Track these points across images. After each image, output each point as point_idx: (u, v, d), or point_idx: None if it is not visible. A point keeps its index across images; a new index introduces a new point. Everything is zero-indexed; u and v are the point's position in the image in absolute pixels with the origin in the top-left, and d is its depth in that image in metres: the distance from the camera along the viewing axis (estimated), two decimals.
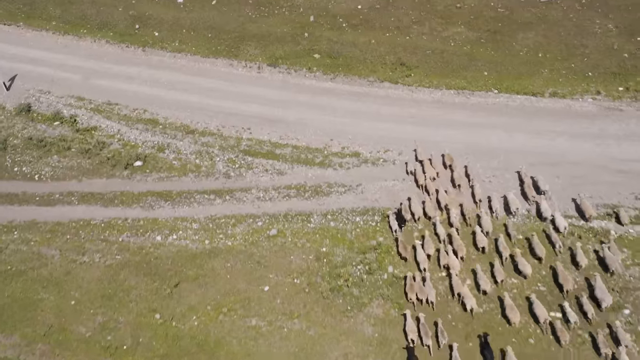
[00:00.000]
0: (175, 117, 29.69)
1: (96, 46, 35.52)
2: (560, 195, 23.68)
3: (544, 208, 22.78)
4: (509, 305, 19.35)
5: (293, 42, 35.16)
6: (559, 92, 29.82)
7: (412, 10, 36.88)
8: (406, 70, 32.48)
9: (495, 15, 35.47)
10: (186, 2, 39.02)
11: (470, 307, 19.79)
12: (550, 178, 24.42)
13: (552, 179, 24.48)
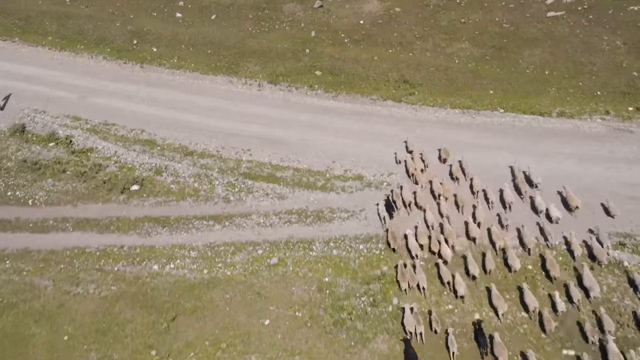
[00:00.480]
0: (174, 138, 28.93)
1: (93, 62, 34.77)
2: (570, 224, 22.83)
3: (538, 201, 23.50)
4: (496, 295, 20.21)
5: (294, 59, 34.43)
6: (567, 112, 29.07)
7: (416, 25, 36.18)
8: (410, 88, 31.75)
9: (500, 30, 34.76)
10: (185, 17, 38.32)
11: (462, 293, 20.65)
12: (559, 204, 23.58)
13: (560, 205, 23.66)
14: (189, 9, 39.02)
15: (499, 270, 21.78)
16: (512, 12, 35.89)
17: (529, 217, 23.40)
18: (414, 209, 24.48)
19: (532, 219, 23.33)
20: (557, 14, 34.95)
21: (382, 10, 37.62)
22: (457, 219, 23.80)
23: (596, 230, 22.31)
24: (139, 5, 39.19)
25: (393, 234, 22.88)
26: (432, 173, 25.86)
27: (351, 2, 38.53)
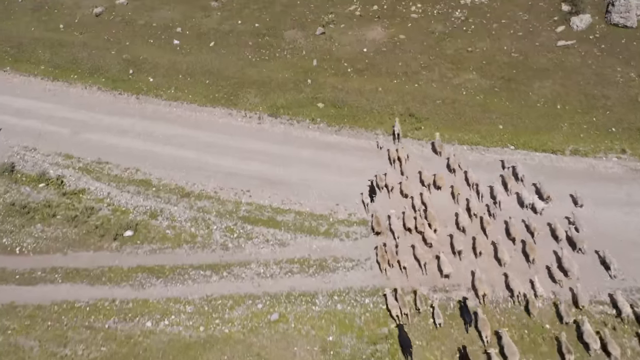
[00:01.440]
0: (170, 178, 27.64)
1: (87, 93, 33.55)
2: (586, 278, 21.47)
3: (525, 196, 24.74)
4: (478, 278, 21.59)
5: (295, 90, 33.20)
6: (581, 150, 27.82)
7: (421, 54, 34.96)
8: (416, 123, 30.50)
9: (509, 60, 33.53)
10: (183, 44, 37.12)
11: (447, 273, 22.04)
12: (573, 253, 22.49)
13: (574, 253, 22.57)
14: (186, 36, 37.83)
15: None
16: (520, 40, 34.67)
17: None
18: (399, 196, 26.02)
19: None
20: (567, 43, 33.74)
21: (386, 38, 36.43)
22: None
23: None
24: (135, 32, 37.99)
25: (377, 219, 24.18)
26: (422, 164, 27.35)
27: (354, 29, 37.36)
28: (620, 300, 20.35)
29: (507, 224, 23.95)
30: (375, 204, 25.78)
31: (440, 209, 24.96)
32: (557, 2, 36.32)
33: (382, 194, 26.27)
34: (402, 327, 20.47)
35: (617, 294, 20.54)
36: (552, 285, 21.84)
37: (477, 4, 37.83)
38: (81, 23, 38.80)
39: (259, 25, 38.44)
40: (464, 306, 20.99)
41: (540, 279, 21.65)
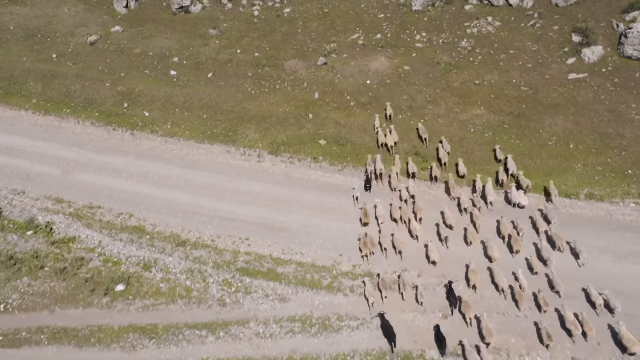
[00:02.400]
0: (165, 224, 26.25)
1: (80, 129, 32.20)
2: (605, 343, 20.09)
3: (513, 195, 25.95)
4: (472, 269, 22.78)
5: (296, 125, 31.89)
6: (596, 194, 26.46)
7: (426, 86, 33.69)
8: (422, 162, 29.19)
9: (518, 94, 32.24)
10: (180, 75, 35.84)
11: (433, 259, 23.41)
12: (592, 315, 21.09)
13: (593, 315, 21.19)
14: (184, 66, 36.56)
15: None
16: (530, 72, 33.39)
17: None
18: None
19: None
20: (579, 76, 32.47)
21: (390, 69, 35.19)
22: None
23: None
24: (130, 62, 36.71)
25: (366, 212, 25.77)
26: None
27: (357, 59, 36.12)
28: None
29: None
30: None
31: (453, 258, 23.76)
32: (567, 32, 35.06)
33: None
34: (383, 316, 21.28)
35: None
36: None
37: (484, 33, 36.62)
38: (75, 52, 37.51)
39: (258, 55, 37.19)
40: (450, 289, 22.10)
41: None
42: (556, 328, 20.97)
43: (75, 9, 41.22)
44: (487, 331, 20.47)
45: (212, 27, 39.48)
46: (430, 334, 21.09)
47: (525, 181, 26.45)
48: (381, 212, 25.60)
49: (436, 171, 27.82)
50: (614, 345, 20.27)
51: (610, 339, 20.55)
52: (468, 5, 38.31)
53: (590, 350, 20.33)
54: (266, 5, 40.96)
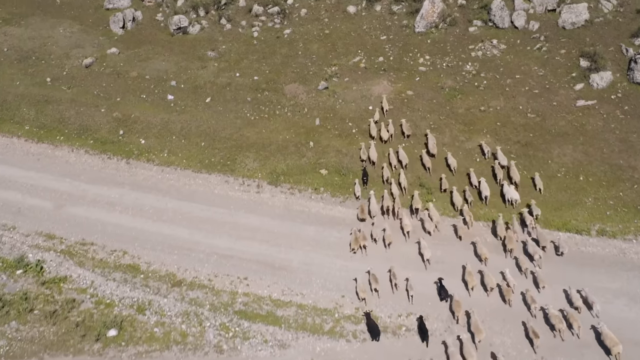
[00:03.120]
0: (160, 262, 25.26)
1: (74, 157, 31.24)
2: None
3: (506, 190, 26.71)
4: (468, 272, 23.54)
5: (297, 154, 30.93)
6: (608, 230, 25.45)
7: (430, 112, 32.76)
8: (426, 195, 28.17)
9: (525, 122, 31.29)
10: (177, 99, 34.92)
11: (427, 257, 24.25)
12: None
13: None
14: (181, 90, 35.63)
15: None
16: (536, 99, 32.44)
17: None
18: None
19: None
20: (587, 103, 31.53)
21: (392, 94, 34.26)
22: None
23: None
24: (127, 86, 35.80)
25: (362, 208, 26.75)
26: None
27: (359, 83, 35.21)
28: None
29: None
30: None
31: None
32: (575, 56, 34.15)
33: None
34: (369, 315, 22.12)
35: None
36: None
37: (489, 56, 35.69)
38: (70, 75, 36.61)
39: (258, 79, 36.27)
40: (441, 285, 23.00)
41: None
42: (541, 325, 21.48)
43: (70, 30, 40.34)
44: (475, 328, 20.99)
45: (210, 49, 38.57)
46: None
47: (537, 210, 25.99)
48: (375, 207, 26.64)
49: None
50: (599, 346, 20.62)
51: (594, 340, 20.95)
52: (472, 27, 37.42)
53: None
54: (266, 27, 40.08)
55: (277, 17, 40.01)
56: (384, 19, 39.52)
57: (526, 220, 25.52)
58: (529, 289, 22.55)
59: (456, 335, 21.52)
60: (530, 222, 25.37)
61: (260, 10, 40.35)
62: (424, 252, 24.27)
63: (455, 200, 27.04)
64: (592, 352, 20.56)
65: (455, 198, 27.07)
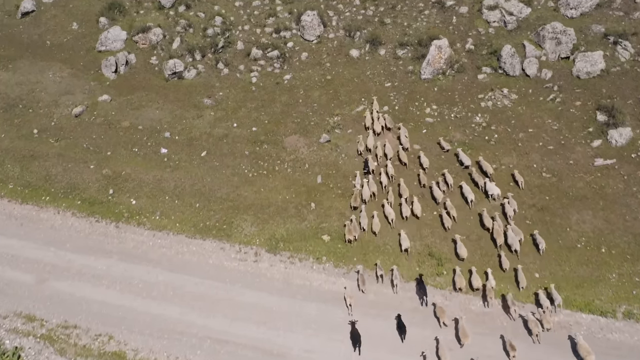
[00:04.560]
0: (149, 349, 23.30)
1: (60, 221, 29.26)
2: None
3: (489, 187, 28.17)
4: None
5: (297, 217, 28.97)
6: (636, 313, 23.59)
7: (439, 170, 30.88)
8: (436, 266, 26.33)
9: (540, 182, 29.36)
10: (171, 153, 33.02)
11: (405, 247, 26.10)
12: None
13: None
14: (176, 142, 33.71)
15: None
16: (551, 156, 30.54)
17: None
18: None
19: None
20: (606, 163, 29.62)
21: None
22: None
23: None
24: (118, 138, 33.89)
25: (356, 196, 28.71)
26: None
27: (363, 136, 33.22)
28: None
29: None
30: None
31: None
32: (591, 109, 32.32)
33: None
34: (354, 324, 23.22)
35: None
36: None
37: (500, 107, 33.85)
38: (58, 126, 34.73)
39: (256, 130, 34.40)
40: (420, 282, 24.57)
41: None
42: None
43: (60, 74, 38.51)
44: (462, 333, 22.34)
45: (207, 96, 36.73)
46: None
47: (557, 297, 24.11)
48: (367, 192, 28.75)
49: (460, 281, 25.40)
50: (573, 356, 21.67)
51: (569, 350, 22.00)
52: (481, 74, 35.60)
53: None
54: (265, 71, 38.25)
55: (277, 62, 38.19)
56: (389, 64, 37.71)
57: (542, 303, 23.94)
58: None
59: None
60: (545, 308, 23.79)
61: (259, 54, 38.53)
62: (403, 243, 26.25)
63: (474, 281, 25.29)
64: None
65: (474, 279, 25.16)
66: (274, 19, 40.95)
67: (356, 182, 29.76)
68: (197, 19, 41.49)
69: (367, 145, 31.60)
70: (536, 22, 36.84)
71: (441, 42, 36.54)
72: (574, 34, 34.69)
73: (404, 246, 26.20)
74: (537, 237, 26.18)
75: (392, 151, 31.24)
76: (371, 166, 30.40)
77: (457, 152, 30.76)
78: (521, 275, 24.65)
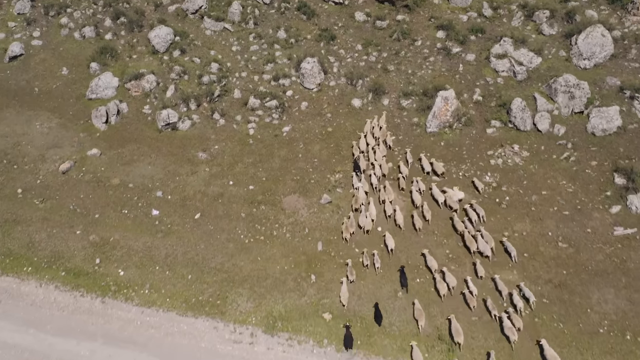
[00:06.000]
0: None
1: (42, 295, 27.28)
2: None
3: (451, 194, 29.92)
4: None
5: (296, 291, 27.04)
6: None
7: (447, 237, 29.26)
8: (447, 352, 24.08)
9: (556, 253, 27.42)
10: (163, 215, 31.12)
11: (391, 247, 27.63)
12: None
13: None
14: (168, 202, 31.77)
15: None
16: (567, 222, 28.62)
17: None
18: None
19: None
20: (627, 232, 27.70)
21: (404, 211, 30.42)
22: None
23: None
24: (107, 198, 31.96)
25: (356, 197, 30.26)
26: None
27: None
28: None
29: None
30: None
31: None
32: (608, 169, 30.50)
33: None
34: (349, 328, 24.74)
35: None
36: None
37: (511, 165, 32.00)
38: (44, 184, 32.80)
39: (253, 188, 32.50)
40: (402, 273, 26.57)
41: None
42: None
43: (48, 125, 36.67)
44: (456, 331, 23.74)
45: (202, 149, 34.87)
46: None
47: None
48: (362, 195, 30.28)
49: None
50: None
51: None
52: (490, 128, 33.80)
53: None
54: (263, 122, 36.43)
55: (276, 112, 36.39)
56: (393, 115, 35.98)
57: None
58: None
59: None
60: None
61: (257, 103, 36.74)
62: (388, 243, 28.02)
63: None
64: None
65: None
66: (272, 65, 39.17)
67: (353, 182, 31.47)
68: (192, 65, 39.74)
69: (359, 147, 33.34)
70: (547, 72, 35.07)
71: (447, 93, 34.78)
72: (588, 87, 32.94)
73: (389, 246, 27.91)
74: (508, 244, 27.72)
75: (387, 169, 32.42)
76: (362, 166, 31.92)
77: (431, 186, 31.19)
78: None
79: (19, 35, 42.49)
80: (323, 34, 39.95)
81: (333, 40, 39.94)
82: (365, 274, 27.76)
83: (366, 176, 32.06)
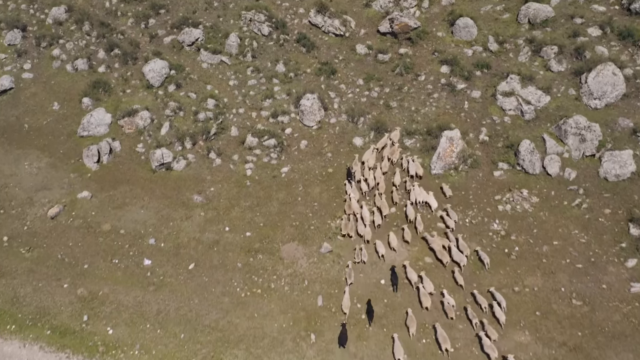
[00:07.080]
0: None
1: (25, 356, 26.01)
2: None
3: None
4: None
5: (295, 352, 25.75)
6: None
7: (453, 291, 27.48)
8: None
9: (570, 312, 25.91)
10: (155, 265, 29.69)
11: (382, 253, 28.79)
12: None
13: None
14: (161, 250, 30.30)
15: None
16: (581, 277, 27.15)
17: None
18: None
19: None
20: None
21: (408, 258, 29.12)
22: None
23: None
24: (97, 245, 30.48)
25: (349, 203, 30.77)
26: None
27: (369, 247, 29.83)
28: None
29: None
30: None
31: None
32: (622, 218, 29.06)
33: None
34: (345, 326, 25.54)
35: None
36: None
37: (520, 212, 30.53)
38: (31, 231, 31.32)
39: (250, 235, 31.02)
40: (393, 272, 27.60)
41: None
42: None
43: (37, 165, 35.24)
44: (442, 338, 24.51)
45: (197, 192, 33.43)
46: None
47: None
48: (355, 204, 30.73)
49: None
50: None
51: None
52: (498, 171, 32.36)
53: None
54: (261, 162, 34.99)
55: (274, 151, 34.97)
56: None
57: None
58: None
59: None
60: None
61: (255, 142, 35.34)
62: (379, 250, 29.17)
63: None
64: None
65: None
66: (271, 101, 37.82)
67: (347, 189, 32.12)
68: (188, 100, 38.36)
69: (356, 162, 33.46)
70: (556, 112, 33.69)
71: (453, 133, 33.40)
72: (599, 129, 31.49)
73: (380, 252, 29.02)
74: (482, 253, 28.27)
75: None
76: (357, 175, 32.52)
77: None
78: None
79: (9, 67, 41.12)
80: (323, 68, 38.61)
81: (333, 74, 38.59)
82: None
83: (358, 186, 32.56)
